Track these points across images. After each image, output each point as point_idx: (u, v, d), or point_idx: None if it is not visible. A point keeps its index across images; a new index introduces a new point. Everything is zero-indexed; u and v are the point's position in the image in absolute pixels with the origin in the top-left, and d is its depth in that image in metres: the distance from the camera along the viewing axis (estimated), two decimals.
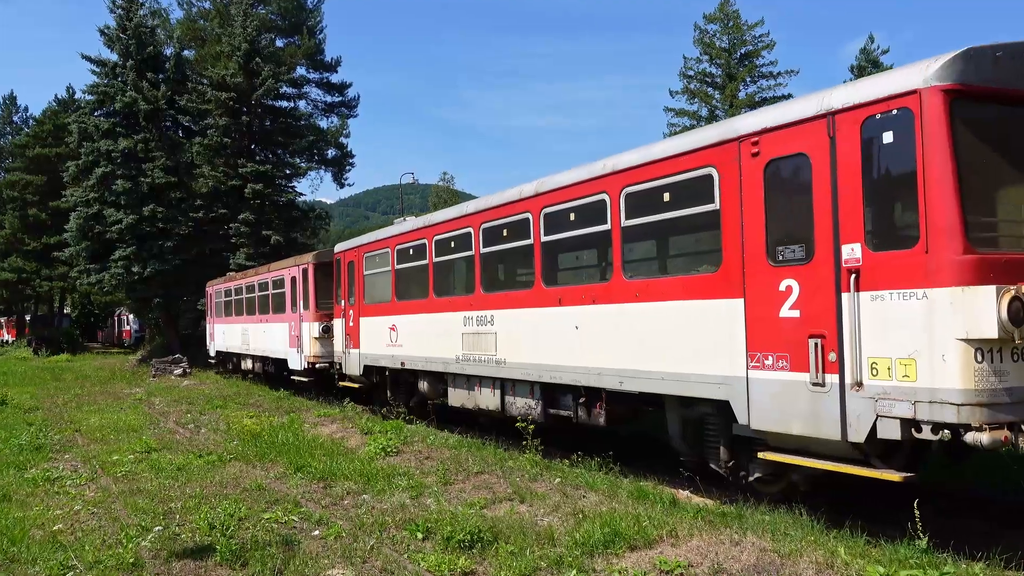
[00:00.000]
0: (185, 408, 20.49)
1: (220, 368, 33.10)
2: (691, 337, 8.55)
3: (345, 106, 47.19)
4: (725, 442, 8.68)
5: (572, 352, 10.47)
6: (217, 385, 27.09)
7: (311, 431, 15.01)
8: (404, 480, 10.11)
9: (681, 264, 10.12)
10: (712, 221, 8.38)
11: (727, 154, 8.12)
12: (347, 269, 18.62)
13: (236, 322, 29.04)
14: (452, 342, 13.55)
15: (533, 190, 11.39)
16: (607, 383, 9.87)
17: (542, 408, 11.55)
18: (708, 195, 8.34)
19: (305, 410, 18.86)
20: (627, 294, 9.46)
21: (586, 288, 10.29)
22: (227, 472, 11.37)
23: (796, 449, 7.64)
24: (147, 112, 37.72)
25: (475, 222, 12.83)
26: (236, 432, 15.09)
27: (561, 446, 12.04)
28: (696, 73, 58.74)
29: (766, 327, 7.64)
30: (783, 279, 7.49)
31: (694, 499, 8.85)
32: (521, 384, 11.96)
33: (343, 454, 12.19)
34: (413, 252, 15.10)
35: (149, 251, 36.82)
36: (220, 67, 38.69)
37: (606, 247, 9.98)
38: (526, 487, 9.48)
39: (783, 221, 7.61)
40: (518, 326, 11.72)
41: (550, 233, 11.01)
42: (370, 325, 17.13)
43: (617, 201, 9.61)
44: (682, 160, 8.69)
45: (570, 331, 10.50)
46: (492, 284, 12.89)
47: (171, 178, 37.17)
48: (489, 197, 12.70)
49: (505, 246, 12.19)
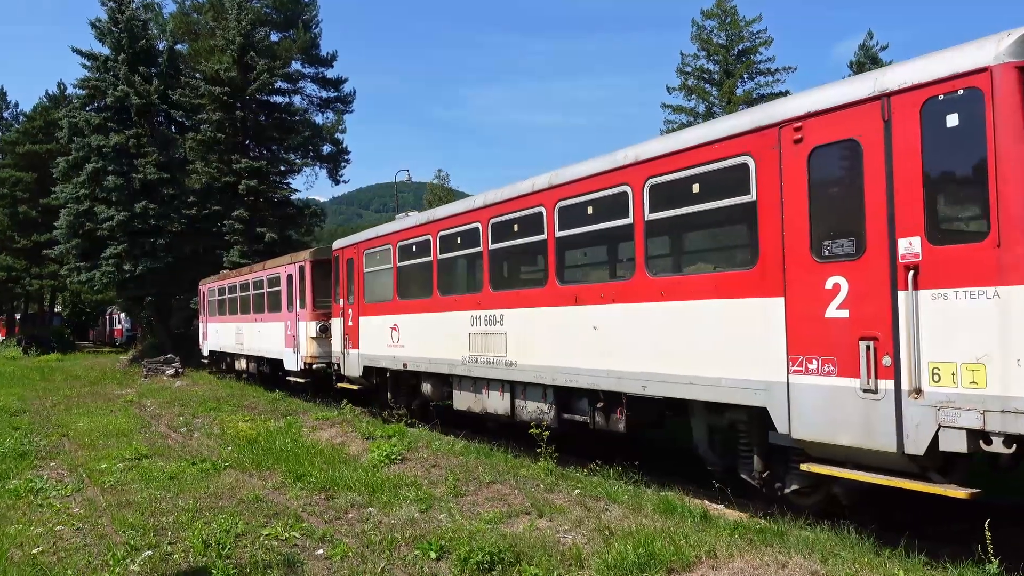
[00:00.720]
0: (177, 411, 19.80)
1: (213, 368, 32.37)
2: (723, 339, 7.94)
3: (341, 101, 46.41)
4: (759, 451, 8.08)
5: (589, 354, 9.86)
6: (210, 386, 26.39)
7: (310, 436, 14.36)
8: (412, 491, 9.48)
9: (712, 260, 9.50)
10: (747, 214, 7.78)
11: (765, 141, 7.51)
12: (346, 267, 17.96)
13: (230, 321, 28.33)
14: (458, 343, 12.92)
15: (547, 182, 10.76)
16: (628, 387, 9.26)
17: (555, 413, 10.93)
18: (743, 186, 7.73)
19: (302, 413, 18.19)
20: (651, 292, 8.85)
21: (605, 286, 9.68)
22: (222, 481, 10.72)
23: (842, 461, 7.04)
24: (139, 107, 36.95)
25: (483, 217, 12.20)
26: (231, 437, 14.44)
27: (575, 453, 11.44)
28: (694, 69, 58.32)
29: (810, 328, 7.04)
30: (830, 276, 6.89)
31: (727, 513, 8.24)
32: (533, 387, 11.34)
33: (345, 461, 11.55)
34: (416, 249, 14.46)
35: (141, 248, 36.06)
36: (214, 61, 37.91)
37: (628, 242, 9.36)
38: (543, 499, 8.86)
39: (830, 213, 7.01)
40: (530, 326, 11.10)
41: (565, 228, 10.39)
42: (370, 325, 16.48)
43: (640, 193, 8.99)
44: (713, 148, 8.08)
45: (587, 332, 9.88)
46: (501, 282, 12.27)
47: (163, 174, 36.39)
48: (498, 190, 12.07)
49: (516, 242, 11.56)
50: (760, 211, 7.55)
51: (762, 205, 7.53)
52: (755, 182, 7.59)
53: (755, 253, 7.67)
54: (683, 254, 9.81)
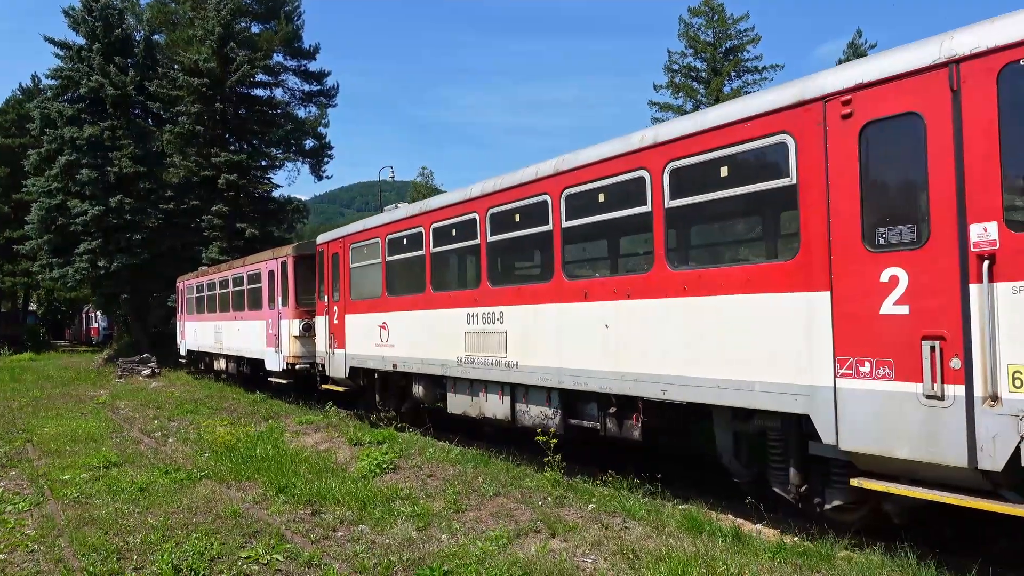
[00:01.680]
0: (152, 413, 18.79)
1: (191, 368, 31.27)
2: (757, 338, 7.14)
3: (323, 95, 45.21)
4: (796, 463, 7.29)
5: (601, 354, 9.04)
6: (188, 387, 25.34)
7: (293, 442, 13.45)
8: (407, 505, 8.62)
9: (743, 252, 8.72)
10: (786, 199, 6.99)
11: (807, 117, 6.71)
12: (331, 262, 17.04)
13: (209, 319, 27.27)
14: (453, 342, 12.06)
15: (552, 169, 9.93)
16: (646, 391, 8.45)
17: (561, 418, 10.10)
18: (781, 168, 6.94)
19: (284, 416, 17.26)
20: (672, 287, 8.04)
21: (619, 280, 8.85)
22: (197, 493, 9.80)
23: (895, 475, 6.27)
24: (114, 98, 35.77)
25: (481, 207, 11.35)
26: (208, 443, 13.49)
27: (581, 460, 10.62)
28: (681, 67, 57.87)
29: (861, 326, 6.25)
30: (885, 268, 6.10)
31: (763, 532, 7.44)
32: (536, 390, 10.50)
33: (332, 471, 10.65)
34: (407, 242, 13.58)
35: (116, 244, 34.92)
36: (192, 52, 36.72)
37: (645, 233, 8.53)
38: (554, 515, 8.03)
39: (886, 197, 6.23)
40: (533, 324, 10.26)
41: (574, 218, 9.56)
42: (357, 323, 15.58)
43: (660, 178, 8.18)
44: (745, 127, 7.28)
45: (598, 330, 9.06)
46: (501, 277, 11.42)
47: (140, 168, 35.26)
48: (498, 178, 11.22)
49: (517, 233, 10.71)
50: (801, 196, 6.76)
51: (803, 189, 6.74)
52: (795, 163, 6.80)
53: (795, 243, 6.88)
54: (709, 245, 9.00)
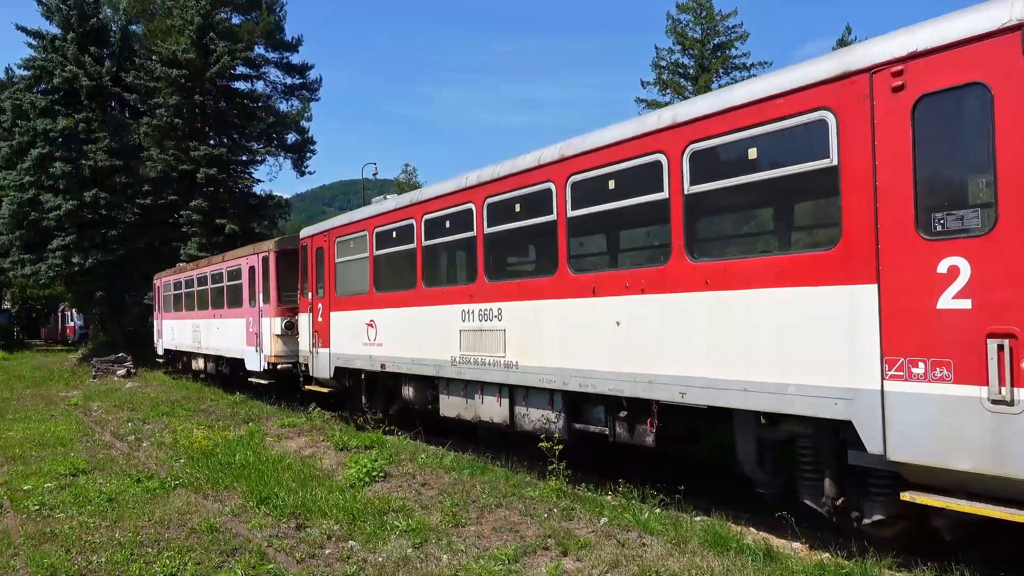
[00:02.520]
0: (126, 415, 17.91)
1: (169, 368, 30.27)
2: (790, 336, 6.49)
3: (306, 88, 44.19)
4: (832, 473, 6.65)
5: (611, 354, 8.35)
6: (164, 387, 24.40)
7: (275, 446, 12.66)
8: (401, 519, 7.88)
9: (775, 242, 8.06)
10: (825, 182, 6.33)
11: (851, 91, 6.06)
12: (315, 256, 16.24)
13: (187, 318, 26.32)
14: (446, 341, 11.34)
15: (557, 154, 9.23)
16: (662, 394, 7.77)
17: (565, 422, 9.41)
18: (819, 147, 6.28)
19: (266, 418, 16.44)
20: (693, 281, 7.37)
21: (632, 274, 8.16)
22: (171, 505, 9.02)
23: (952, 488, 5.64)
24: (89, 89, 34.63)
25: (477, 197, 10.63)
26: (184, 448, 12.67)
27: (583, 467, 9.93)
28: (668, 64, 57.51)
29: (914, 323, 5.61)
30: (944, 257, 5.46)
31: (796, 549, 6.78)
32: (537, 392, 9.81)
33: (317, 479, 9.90)
34: (397, 235, 12.83)
35: (91, 240, 33.81)
36: (171, 42, 35.60)
37: (662, 222, 7.86)
38: (563, 530, 7.34)
39: (944, 178, 5.60)
40: (535, 322, 9.56)
41: (581, 207, 8.87)
42: (343, 321, 14.81)
43: (679, 162, 7.51)
44: (777, 104, 6.62)
45: (608, 328, 8.38)
46: (500, 271, 10.72)
47: (116, 161, 34.15)
48: (496, 165, 10.50)
49: (518, 224, 10.01)
50: (843, 178, 6.11)
51: (846, 170, 6.09)
52: (836, 142, 6.15)
53: (835, 231, 6.23)
54: (735, 235, 8.33)
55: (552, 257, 9.31)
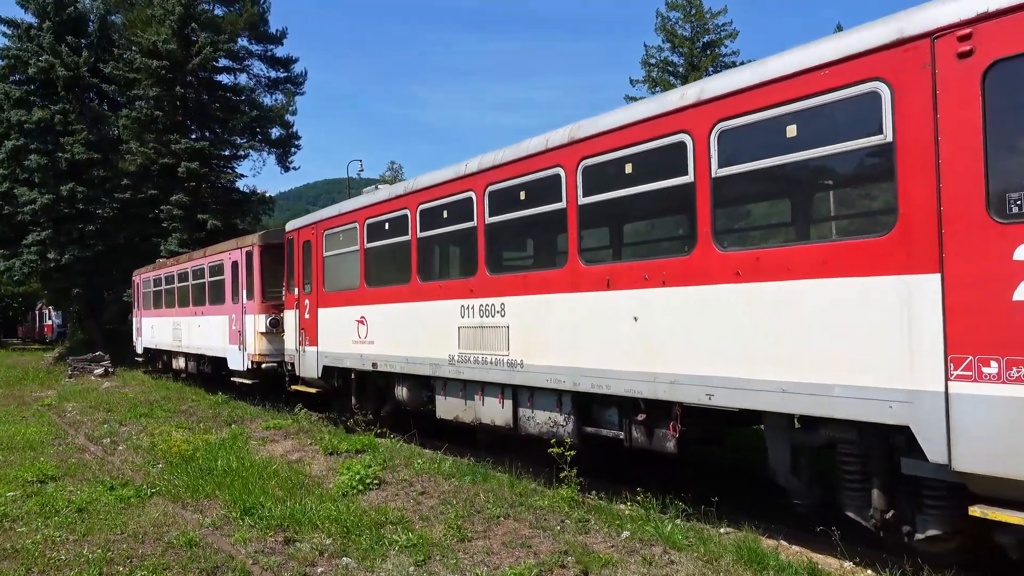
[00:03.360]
0: (102, 416, 17.05)
1: (148, 367, 29.33)
2: (837, 333, 5.87)
3: (291, 82, 43.22)
4: (881, 483, 6.03)
5: (628, 352, 7.71)
6: (143, 387, 23.52)
7: (259, 450, 11.91)
8: (401, 532, 7.18)
9: (818, 228, 7.43)
10: (877, 161, 5.73)
11: (909, 59, 5.45)
12: (301, 250, 15.50)
13: (167, 315, 25.44)
14: (444, 338, 10.65)
15: (566, 137, 8.58)
16: (686, 395, 7.13)
17: (575, 425, 8.76)
18: (870, 123, 5.66)
19: (249, 420, 15.67)
20: (722, 272, 6.74)
21: (652, 265, 7.52)
22: (146, 516, 8.27)
23: (1013, 500, 5.04)
24: (66, 80, 33.65)
25: (478, 184, 9.96)
26: (162, 452, 11.89)
27: (592, 472, 9.26)
28: (658, 62, 57.07)
29: (986, 317, 5.00)
30: (1021, 243, 4.85)
31: (838, 565, 6.16)
32: (543, 393, 9.15)
33: (306, 487, 9.17)
34: (390, 226, 12.12)
35: (68, 235, 32.83)
36: (151, 33, 34.56)
37: (686, 209, 7.23)
38: (580, 544, 6.68)
39: (1022, 153, 4.98)
40: (541, 317, 8.90)
41: (593, 193, 8.22)
42: (332, 317, 14.08)
43: (706, 143, 6.87)
44: (822, 76, 6.00)
45: (625, 324, 7.73)
46: (502, 264, 10.07)
47: (93, 154, 33.20)
48: (498, 151, 9.83)
49: (523, 213, 9.33)
50: (899, 155, 5.49)
51: (903, 147, 5.47)
52: (891, 116, 5.53)
53: (890, 214, 5.61)
54: (771, 222, 7.70)
55: (561, 248, 8.66)
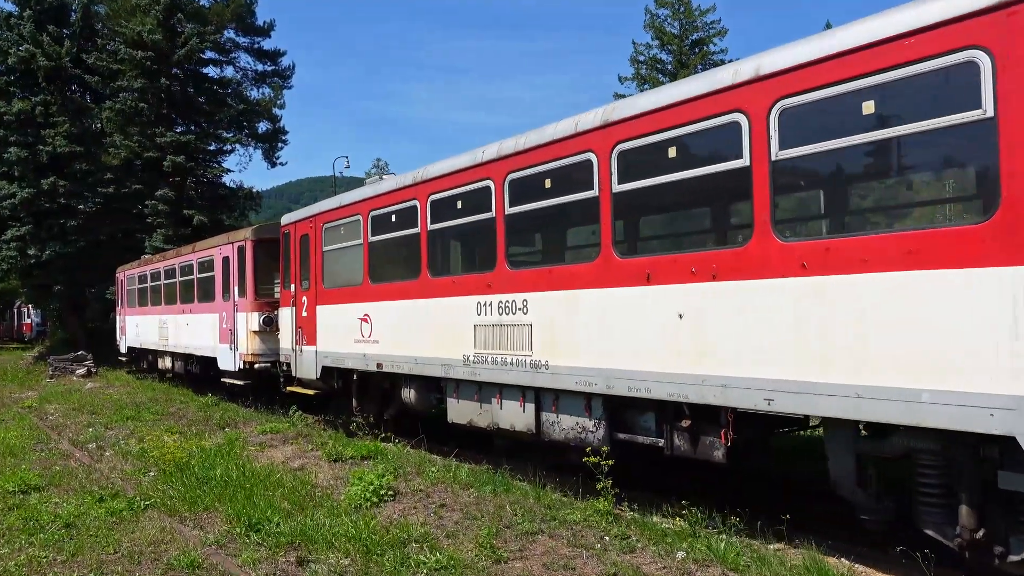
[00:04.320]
0: (86, 419, 16.25)
1: (132, 367, 28.43)
2: (925, 331, 5.26)
3: (278, 76, 42.34)
4: (970, 499, 5.44)
5: (671, 352, 7.08)
6: (129, 388, 22.67)
7: (258, 457, 11.18)
8: (427, 552, 6.51)
9: (899, 215, 6.82)
10: (975, 138, 5.12)
11: (1012, 24, 4.85)
12: (298, 245, 14.77)
13: (153, 313, 24.57)
14: (457, 337, 9.99)
15: (599, 119, 7.93)
16: (740, 400, 6.51)
17: (606, 431, 8.11)
18: (966, 96, 5.06)
19: (243, 423, 14.93)
20: (784, 264, 6.12)
21: (700, 257, 6.89)
22: (141, 532, 7.56)
23: None
24: (48, 70, 32.62)
25: (498, 172, 9.30)
26: (154, 458, 11.14)
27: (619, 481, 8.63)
28: (647, 59, 56.60)
29: None
30: None
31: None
32: (570, 396, 8.50)
33: (315, 499, 8.48)
34: (397, 218, 11.43)
35: (48, 231, 31.86)
36: (136, 23, 33.58)
37: (741, 196, 6.62)
38: (629, 566, 6.05)
39: None
40: (569, 315, 8.26)
41: (629, 180, 7.58)
42: (332, 315, 13.37)
43: (763, 124, 6.25)
44: (905, 46, 5.38)
45: (667, 321, 7.10)
46: (525, 257, 9.44)
47: (76, 147, 32.19)
48: (519, 137, 9.17)
49: (548, 203, 8.68)
50: (1002, 131, 4.89)
51: (1006, 122, 4.87)
52: (991, 88, 4.93)
53: (990, 198, 5.01)
54: (841, 209, 7.07)
55: (593, 240, 8.02)
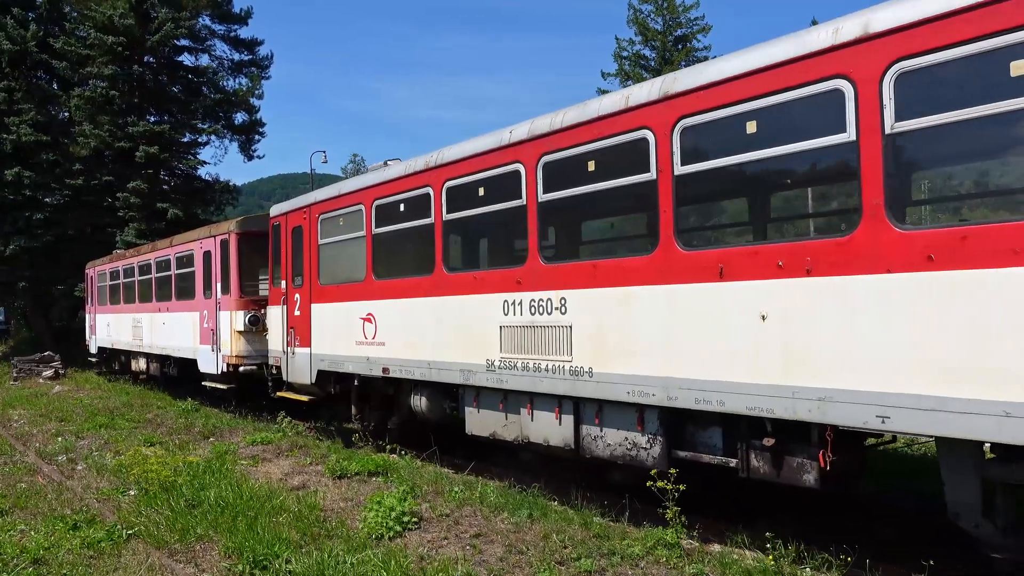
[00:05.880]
0: (54, 427, 14.95)
1: (103, 368, 26.92)
2: None
3: (255, 65, 40.80)
4: None
5: (752, 360, 6.10)
6: (100, 392, 21.28)
7: (252, 473, 10.03)
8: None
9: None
10: None
11: None
12: (290, 238, 13.60)
13: (126, 312, 23.15)
14: (479, 339, 8.94)
15: (657, 92, 6.93)
16: (844, 416, 5.53)
17: (662, 448, 7.12)
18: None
19: (229, 432, 13.74)
20: (903, 256, 5.16)
21: (790, 249, 5.91)
22: (124, 571, 6.42)
23: None
24: (12, 55, 31.04)
25: (529, 155, 8.26)
26: (135, 476, 9.94)
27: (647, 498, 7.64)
28: (630, 55, 55.93)
29: None
30: None
31: None
32: (618, 408, 7.49)
33: (326, 525, 7.38)
34: (407, 208, 10.35)
35: (13, 224, 30.23)
36: (106, 6, 32.00)
37: (843, 177, 5.66)
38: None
39: None
40: (619, 315, 7.25)
41: (695, 161, 6.59)
42: (329, 315, 12.24)
43: (875, 91, 5.29)
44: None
45: (748, 323, 6.12)
46: (563, 250, 8.41)
47: (42, 136, 30.56)
48: (555, 115, 8.13)
49: (589, 189, 7.64)
50: None
51: None
52: None
53: None
54: (980, 190, 6.11)
55: (649, 230, 7.03)
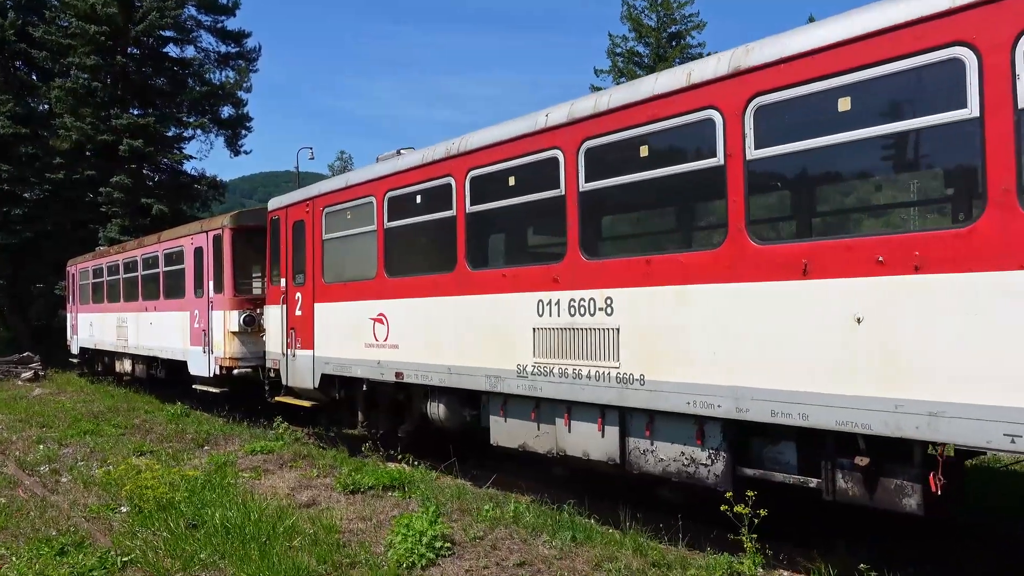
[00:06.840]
0: (36, 434, 14.00)
1: (86, 369, 25.86)
2: None
3: (243, 58, 39.76)
4: None
5: (843, 368, 5.36)
6: (83, 395, 20.28)
7: (256, 487, 9.19)
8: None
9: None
10: None
11: None
12: (290, 233, 12.75)
13: (110, 311, 22.14)
14: (509, 343, 8.17)
15: (727, 68, 6.18)
16: (964, 435, 4.81)
17: (726, 465, 6.37)
18: None
19: (224, 440, 12.87)
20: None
21: (891, 243, 5.17)
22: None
23: None
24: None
25: (568, 141, 7.49)
26: (126, 490, 9.04)
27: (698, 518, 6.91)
28: (624, 52, 55.44)
29: None
30: None
31: None
32: (674, 420, 6.74)
33: (347, 551, 6.56)
34: (424, 200, 9.55)
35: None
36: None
37: (960, 158, 4.93)
38: None
39: None
40: (676, 317, 6.50)
41: (770, 144, 5.85)
42: (334, 315, 11.41)
43: (1007, 59, 4.58)
44: None
45: (838, 327, 5.39)
46: (607, 244, 7.65)
47: (21, 129, 29.57)
48: (599, 96, 7.36)
49: (641, 177, 6.88)
50: None
51: None
52: None
53: None
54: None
55: (713, 221, 6.29)
